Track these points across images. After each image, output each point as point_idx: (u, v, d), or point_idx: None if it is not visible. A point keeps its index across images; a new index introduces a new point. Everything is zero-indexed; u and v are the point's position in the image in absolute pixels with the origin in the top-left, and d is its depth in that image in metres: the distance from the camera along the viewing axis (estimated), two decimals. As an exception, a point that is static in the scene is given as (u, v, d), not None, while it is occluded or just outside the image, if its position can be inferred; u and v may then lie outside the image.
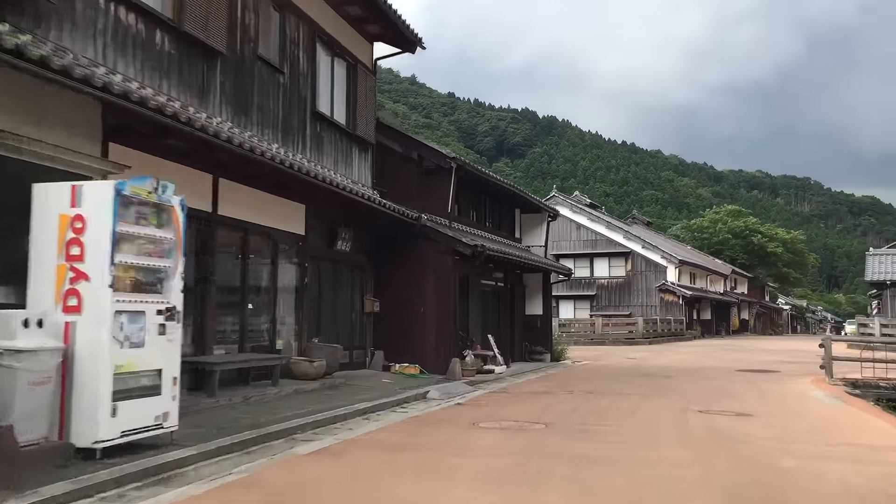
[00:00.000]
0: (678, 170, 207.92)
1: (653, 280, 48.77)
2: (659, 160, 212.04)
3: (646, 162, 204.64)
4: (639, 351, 32.54)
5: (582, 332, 38.48)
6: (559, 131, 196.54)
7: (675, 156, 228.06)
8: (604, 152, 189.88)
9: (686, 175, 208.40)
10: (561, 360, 25.92)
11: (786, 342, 44.99)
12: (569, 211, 50.99)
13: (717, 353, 30.86)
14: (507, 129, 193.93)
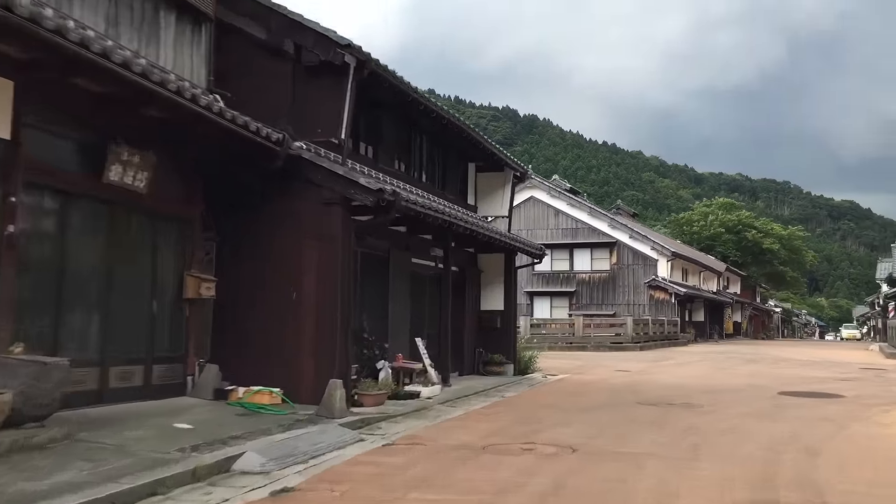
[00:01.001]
0: (659, 171, 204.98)
1: (641, 275, 41.60)
2: (640, 161, 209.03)
3: (627, 163, 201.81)
4: (630, 359, 25.25)
5: (559, 335, 31.19)
6: (540, 130, 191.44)
7: (655, 157, 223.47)
8: (585, 152, 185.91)
9: (667, 176, 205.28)
10: (528, 374, 18.65)
11: (796, 348, 38.00)
12: (545, 195, 43.70)
13: (730, 363, 23.68)
14: (487, 128, 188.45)
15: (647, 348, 30.89)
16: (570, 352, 28.98)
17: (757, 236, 60.98)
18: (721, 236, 61.48)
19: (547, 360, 21.80)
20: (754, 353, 30.25)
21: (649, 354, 28.44)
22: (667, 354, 28.59)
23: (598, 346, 29.60)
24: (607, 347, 29.57)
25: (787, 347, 40.25)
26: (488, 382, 15.99)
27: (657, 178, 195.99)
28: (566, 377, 18.34)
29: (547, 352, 27.73)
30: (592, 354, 27.69)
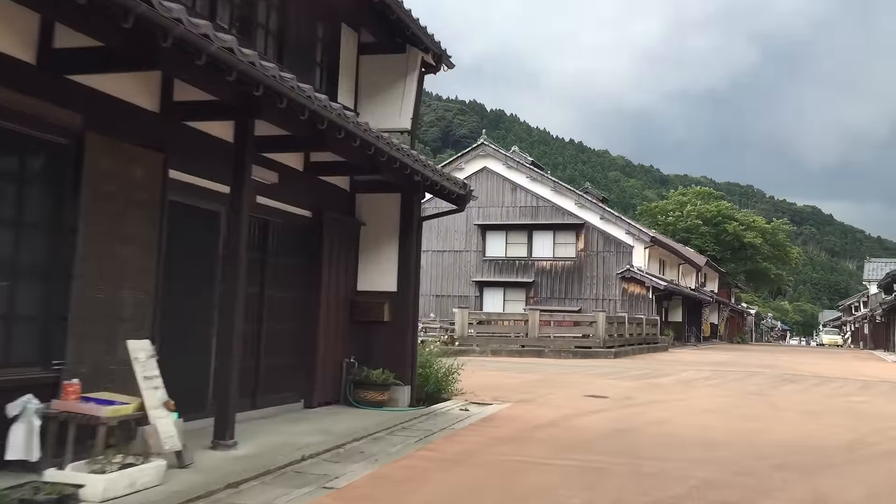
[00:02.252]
0: (625, 171, 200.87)
1: (613, 264, 33.71)
2: (606, 160, 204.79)
3: (593, 161, 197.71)
4: (604, 372, 17.24)
5: (509, 336, 23.10)
6: (507, 125, 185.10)
7: (622, 157, 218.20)
8: (551, 149, 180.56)
9: (633, 176, 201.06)
10: (438, 403, 10.64)
11: (798, 356, 30.34)
12: (501, 166, 35.58)
13: (757, 383, 15.71)
14: (453, 121, 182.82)
15: (622, 355, 22.92)
16: (521, 358, 20.92)
17: (738, 229, 53.56)
18: (698, 228, 53.96)
19: (482, 373, 13.86)
20: (766, 364, 22.41)
21: (627, 363, 20.44)
22: (651, 364, 20.62)
23: (558, 351, 21.58)
24: (571, 353, 21.56)
25: (782, 355, 32.58)
26: (343, 429, 7.88)
27: (623, 178, 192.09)
28: (502, 411, 10.21)
29: (489, 358, 19.71)
30: (551, 364, 19.63)
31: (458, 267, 35.66)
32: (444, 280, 35.82)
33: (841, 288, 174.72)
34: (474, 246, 35.52)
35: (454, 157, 37.07)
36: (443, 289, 35.75)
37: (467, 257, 35.59)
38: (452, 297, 35.40)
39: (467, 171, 35.85)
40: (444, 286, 35.78)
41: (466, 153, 36.44)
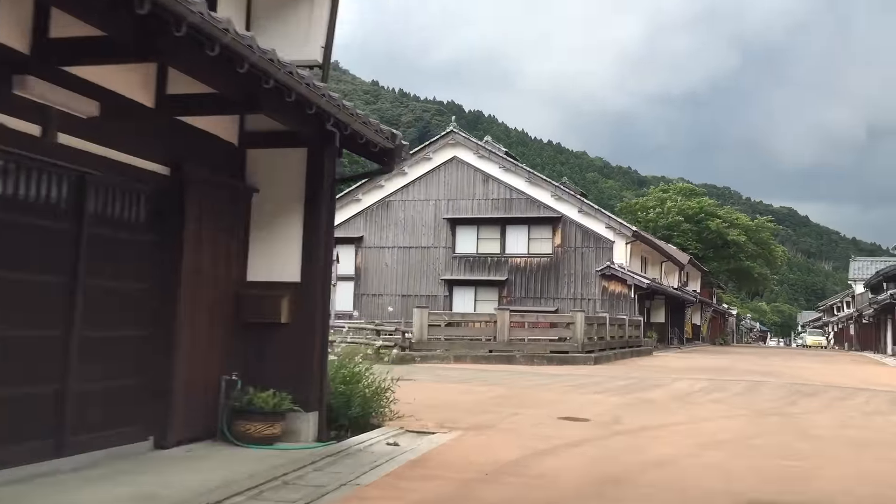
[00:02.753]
0: (603, 172, 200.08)
1: (592, 261, 31.01)
2: (584, 161, 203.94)
3: (571, 162, 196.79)
4: (582, 384, 14.48)
5: (476, 340, 20.21)
6: (485, 126, 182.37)
7: (600, 158, 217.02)
8: (529, 150, 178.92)
9: (611, 178, 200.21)
10: (361, 435, 7.73)
11: (791, 359, 27.74)
12: (472, 155, 32.77)
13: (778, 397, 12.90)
14: (431, 121, 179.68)
15: (603, 360, 20.15)
16: (488, 365, 18.08)
17: (721, 226, 51.12)
18: (680, 225, 51.46)
19: (437, 385, 11.17)
20: (764, 371, 19.73)
21: (610, 371, 17.67)
22: (637, 372, 17.86)
23: (531, 356, 18.77)
24: (545, 359, 18.76)
25: (775, 358, 30.02)
26: (184, 491, 4.96)
27: (601, 179, 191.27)
28: (445, 446, 7.38)
29: (452, 366, 16.93)
30: (522, 372, 16.82)
31: (425, 264, 32.82)
32: (411, 278, 32.97)
33: (818, 289, 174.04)
34: (443, 241, 32.70)
35: (421, 146, 34.23)
36: (409, 288, 32.90)
37: (435, 254, 32.76)
38: (420, 296, 32.51)
39: (436, 160, 33.11)
40: (410, 285, 32.93)
41: (435, 142, 33.62)
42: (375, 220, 33.72)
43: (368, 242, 33.66)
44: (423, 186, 33.22)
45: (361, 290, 33.50)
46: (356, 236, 33.71)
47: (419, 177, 33.27)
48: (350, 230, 33.93)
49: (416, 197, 33.26)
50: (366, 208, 33.87)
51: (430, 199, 33.04)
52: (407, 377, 14.29)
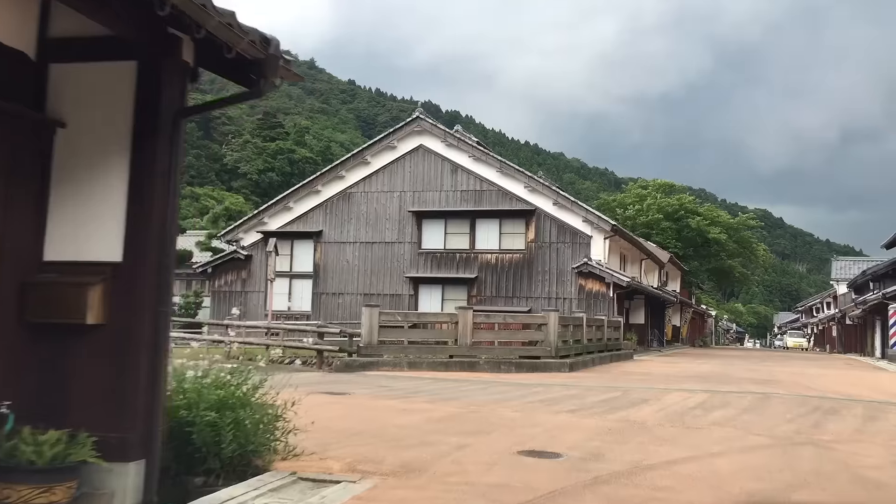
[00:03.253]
0: (580, 173, 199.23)
1: (568, 258, 28.53)
2: (561, 162, 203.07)
3: (548, 163, 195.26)
4: (555, 399, 11.97)
5: (435, 343, 17.58)
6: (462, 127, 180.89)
7: (577, 159, 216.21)
8: (506, 150, 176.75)
9: (588, 179, 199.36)
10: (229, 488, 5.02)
11: (785, 364, 25.33)
12: (440, 144, 30.19)
13: (780, 411, 10.49)
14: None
15: (580, 367, 17.62)
16: (447, 374, 15.46)
17: (702, 224, 48.90)
18: (659, 223, 49.20)
19: (375, 402, 8.76)
20: (763, 378, 17.31)
21: (587, 380, 15.14)
22: (619, 381, 15.35)
23: (497, 363, 16.19)
24: (513, 365, 16.20)
25: (768, 362, 27.71)
26: None
27: (578, 180, 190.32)
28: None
29: (404, 374, 14.37)
30: (485, 382, 14.24)
31: (389, 261, 30.18)
32: (374, 276, 30.31)
33: (792, 290, 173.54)
34: (408, 237, 30.08)
35: (385, 133, 31.63)
36: (372, 286, 30.24)
37: (400, 250, 30.13)
38: (383, 296, 29.88)
39: (401, 149, 30.50)
40: (373, 283, 30.27)
41: (400, 129, 30.98)
42: (336, 214, 31.03)
43: (328, 237, 30.96)
44: (387, 177, 30.59)
45: (321, 288, 30.79)
46: (315, 231, 31.01)
47: (383, 167, 30.64)
48: (309, 224, 31.25)
49: (380, 188, 30.62)
50: (325, 201, 31.16)
51: (395, 190, 30.41)
52: (341, 390, 11.66)
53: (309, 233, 31.01)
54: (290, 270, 31.30)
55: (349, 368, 15.54)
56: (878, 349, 37.35)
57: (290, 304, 31.11)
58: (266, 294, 31.14)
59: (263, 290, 31.28)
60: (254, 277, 31.47)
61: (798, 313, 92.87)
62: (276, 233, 31.46)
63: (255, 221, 31.80)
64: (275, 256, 25.56)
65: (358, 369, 15.57)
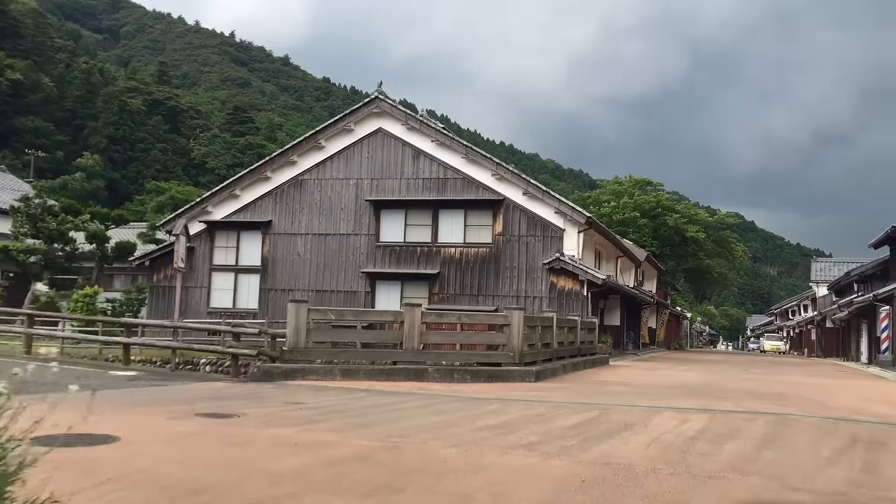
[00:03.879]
0: (555, 174, 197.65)
1: (539, 252, 25.81)
2: (536, 163, 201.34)
3: (523, 164, 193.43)
4: (512, 424, 9.28)
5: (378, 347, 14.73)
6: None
7: (552, 160, 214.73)
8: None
9: (563, 180, 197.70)
10: None
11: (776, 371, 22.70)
12: (400, 127, 27.32)
13: (808, 441, 7.81)
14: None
15: (548, 375, 14.85)
16: (387, 384, 12.61)
17: (679, 221, 46.47)
18: (636, 221, 46.68)
19: (262, 431, 5.65)
20: (763, 391, 14.65)
21: (555, 393, 12.37)
22: (594, 395, 12.59)
23: (450, 371, 13.36)
24: (470, 374, 13.39)
25: (758, 370, 25.17)
26: None
27: (553, 181, 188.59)
28: None
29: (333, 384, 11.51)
30: (430, 395, 11.41)
31: (344, 255, 27.28)
32: (327, 271, 27.40)
33: (764, 293, 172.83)
34: (365, 228, 27.20)
35: (341, 115, 28.73)
36: (325, 282, 27.33)
37: (356, 242, 27.24)
38: (337, 292, 27.04)
39: (358, 132, 27.63)
40: (326, 279, 27.36)
41: (357, 110, 28.07)
42: (287, 203, 28.05)
43: (278, 228, 27.98)
44: (343, 163, 27.67)
45: (269, 284, 27.79)
46: (264, 221, 28.02)
47: (338, 151, 27.73)
48: (257, 213, 28.24)
49: (335, 175, 27.70)
50: (275, 188, 28.17)
51: (351, 177, 27.50)
52: (231, 410, 8.74)
53: (257, 223, 28.02)
54: (236, 264, 28.29)
55: (268, 377, 12.64)
56: (863, 354, 35.11)
57: (235, 301, 28.11)
58: (208, 289, 28.12)
59: (206, 286, 28.26)
60: (196, 271, 28.39)
61: (772, 316, 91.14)
62: (221, 223, 28.47)
63: (198, 210, 28.70)
64: (184, 241, 22.62)
65: (279, 378, 12.67)
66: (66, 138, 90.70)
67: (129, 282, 38.35)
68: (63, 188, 78.15)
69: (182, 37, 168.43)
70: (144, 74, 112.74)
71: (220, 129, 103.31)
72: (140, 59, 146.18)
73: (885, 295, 28.81)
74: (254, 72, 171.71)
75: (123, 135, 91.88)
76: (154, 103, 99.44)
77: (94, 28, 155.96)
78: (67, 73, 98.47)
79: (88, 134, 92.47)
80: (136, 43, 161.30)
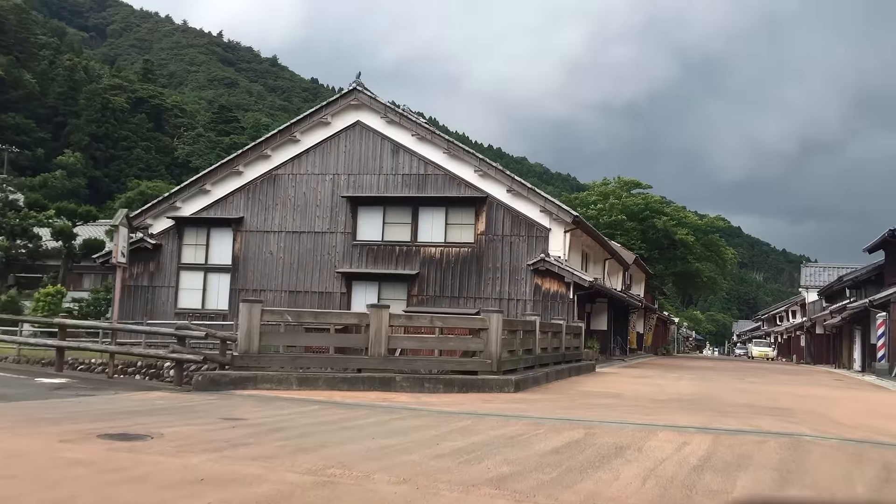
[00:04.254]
0: (543, 178, 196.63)
1: (523, 253, 24.44)
2: (524, 167, 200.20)
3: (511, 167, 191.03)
4: (482, 450, 7.89)
5: (342, 353, 13.31)
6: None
7: (539, 164, 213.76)
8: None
9: (550, 183, 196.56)
10: None
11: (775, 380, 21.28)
12: (379, 120, 25.89)
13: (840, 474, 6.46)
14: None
15: (529, 384, 13.44)
16: (349, 393, 11.20)
17: (668, 224, 45.21)
18: (623, 224, 45.40)
19: (171, 459, 4.12)
20: (767, 404, 13.30)
21: (537, 406, 11.00)
22: (578, 409, 11.20)
23: (420, 379, 11.93)
24: (442, 383, 11.98)
25: (755, 378, 23.87)
26: None
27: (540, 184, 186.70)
28: None
29: (288, 394, 10.05)
30: (392, 409, 9.99)
31: (319, 254, 25.81)
32: (301, 271, 25.91)
33: (750, 299, 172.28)
34: (342, 226, 25.74)
35: (317, 106, 27.28)
36: (298, 283, 25.84)
37: (332, 241, 25.77)
38: (311, 293, 25.58)
39: (335, 125, 26.17)
40: (300, 279, 25.87)
41: (334, 101, 26.60)
42: (259, 199, 26.55)
43: (250, 225, 26.47)
44: (319, 157, 26.21)
45: (240, 284, 26.26)
46: (235, 217, 26.49)
47: (314, 145, 26.26)
48: (227, 209, 26.72)
49: (310, 170, 26.23)
50: (248, 183, 26.66)
51: (327, 173, 26.04)
52: (147, 429, 7.27)
53: (228, 220, 26.49)
54: (206, 263, 26.74)
55: (214, 386, 11.17)
56: (856, 361, 33.91)
57: (204, 302, 26.58)
58: (176, 289, 26.58)
59: (174, 285, 26.71)
60: (163, 270, 26.83)
61: (758, 321, 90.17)
62: (190, 219, 26.91)
63: (167, 206, 27.14)
64: (126, 231, 21.14)
65: (227, 387, 11.20)
66: (47, 135, 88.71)
67: (100, 281, 36.74)
68: (43, 186, 76.38)
69: (169, 36, 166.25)
70: (129, 72, 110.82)
71: (204, 129, 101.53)
72: (126, 57, 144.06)
73: (881, 300, 27.60)
74: (241, 72, 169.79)
75: (106, 132, 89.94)
76: (138, 101, 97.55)
77: (80, 26, 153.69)
78: (51, 69, 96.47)
79: (70, 131, 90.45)
80: (123, 42, 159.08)
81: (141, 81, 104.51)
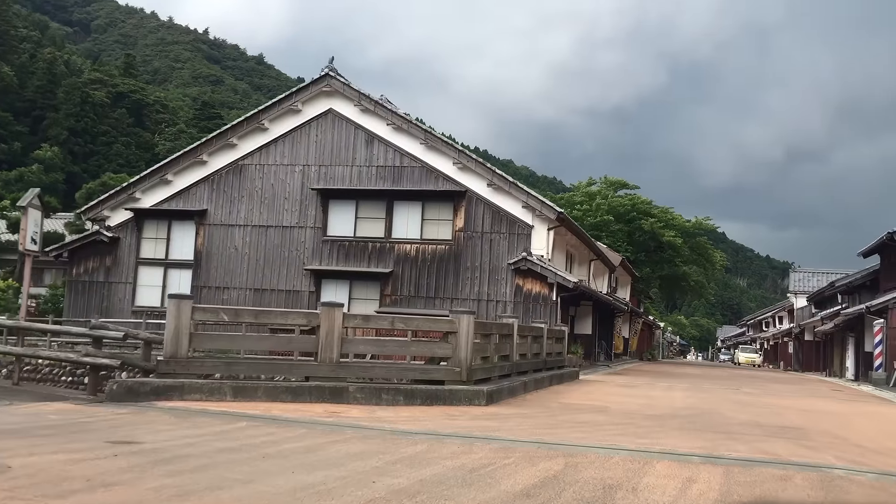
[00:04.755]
0: (529, 181, 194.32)
1: (504, 251, 22.80)
2: (510, 169, 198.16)
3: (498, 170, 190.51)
4: (440, 480, 6.34)
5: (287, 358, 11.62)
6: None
7: (525, 167, 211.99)
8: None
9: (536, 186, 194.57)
10: None
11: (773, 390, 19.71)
12: (352, 108, 24.18)
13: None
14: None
15: (504, 395, 11.77)
16: (290, 406, 9.49)
17: (655, 226, 43.71)
18: (609, 225, 43.86)
19: None
20: (787, 423, 11.71)
21: (510, 424, 9.34)
22: (560, 430, 9.55)
23: (377, 389, 10.24)
24: (403, 394, 10.29)
25: (749, 388, 22.32)
26: None
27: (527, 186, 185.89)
28: None
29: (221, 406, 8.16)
30: (336, 428, 8.28)
31: (287, 249, 24.07)
32: (268, 267, 24.16)
33: (734, 304, 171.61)
34: (311, 220, 24.02)
35: (287, 93, 25.53)
36: (265, 280, 24.09)
37: (300, 236, 24.05)
38: (278, 291, 23.84)
39: (306, 113, 24.46)
40: (266, 276, 24.12)
41: (305, 88, 24.87)
42: (224, 190, 24.77)
43: (214, 218, 24.69)
44: (288, 147, 24.47)
45: (202, 280, 24.48)
46: (198, 210, 24.71)
47: (283, 134, 24.53)
48: (189, 201, 24.92)
49: (279, 161, 24.49)
50: (212, 174, 24.89)
51: (297, 163, 24.31)
52: None
53: (190, 212, 24.71)
54: (166, 258, 24.94)
55: (132, 396, 9.42)
56: (849, 369, 32.49)
57: (163, 299, 24.70)
58: (134, 285, 24.73)
59: (132, 281, 24.86)
60: (121, 265, 25.00)
61: (744, 327, 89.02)
62: (149, 211, 25.09)
63: (125, 196, 25.30)
64: (38, 214, 19.33)
65: (147, 397, 9.45)
66: (24, 129, 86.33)
67: (62, 276, 34.77)
68: (19, 180, 74.07)
69: (154, 32, 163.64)
70: (111, 67, 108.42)
71: (186, 125, 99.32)
72: (111, 53, 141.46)
73: (878, 306, 26.17)
74: (227, 70, 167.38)
75: (85, 127, 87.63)
76: (118, 96, 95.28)
77: (64, 21, 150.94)
78: (31, 63, 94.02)
79: (48, 125, 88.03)
80: (107, 37, 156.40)
81: (122, 76, 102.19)
